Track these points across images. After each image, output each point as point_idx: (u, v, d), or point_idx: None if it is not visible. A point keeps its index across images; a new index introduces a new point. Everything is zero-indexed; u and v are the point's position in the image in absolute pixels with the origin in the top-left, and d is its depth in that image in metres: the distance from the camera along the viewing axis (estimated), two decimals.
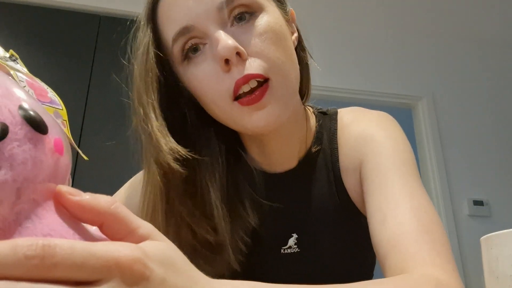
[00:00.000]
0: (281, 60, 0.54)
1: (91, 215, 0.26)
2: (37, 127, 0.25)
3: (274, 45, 0.54)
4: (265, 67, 0.53)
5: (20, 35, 2.13)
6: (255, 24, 0.54)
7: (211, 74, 0.54)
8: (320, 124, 0.68)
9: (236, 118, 0.55)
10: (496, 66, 3.17)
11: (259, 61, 0.53)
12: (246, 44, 0.53)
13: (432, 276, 0.41)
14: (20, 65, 0.28)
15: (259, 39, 0.53)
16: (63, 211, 0.26)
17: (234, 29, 0.54)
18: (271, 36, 0.54)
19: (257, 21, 0.54)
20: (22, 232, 0.24)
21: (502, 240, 0.38)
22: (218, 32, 0.52)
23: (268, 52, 0.53)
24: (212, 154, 0.62)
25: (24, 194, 0.24)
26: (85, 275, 0.22)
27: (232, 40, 0.51)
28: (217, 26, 0.53)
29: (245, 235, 0.62)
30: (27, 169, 0.24)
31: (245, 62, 0.52)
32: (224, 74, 0.53)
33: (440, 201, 2.62)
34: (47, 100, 0.27)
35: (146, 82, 0.56)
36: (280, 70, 0.54)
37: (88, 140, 1.98)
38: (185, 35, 0.54)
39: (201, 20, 0.53)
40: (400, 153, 0.57)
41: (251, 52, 0.53)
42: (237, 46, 0.51)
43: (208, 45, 0.54)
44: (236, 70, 0.52)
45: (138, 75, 0.57)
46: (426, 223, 0.47)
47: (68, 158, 0.28)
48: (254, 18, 0.55)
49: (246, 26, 0.54)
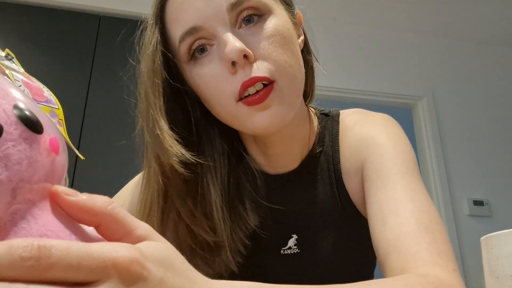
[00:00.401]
0: (288, 63, 0.54)
1: (87, 215, 0.26)
2: (32, 126, 0.25)
3: (282, 48, 0.54)
4: (271, 70, 0.53)
5: (20, 35, 2.13)
6: (263, 27, 0.54)
7: (217, 75, 0.54)
8: (322, 126, 0.68)
9: (240, 118, 0.54)
10: (496, 66, 3.17)
11: (266, 64, 0.53)
12: (253, 47, 0.53)
13: (433, 275, 0.41)
14: (16, 64, 0.28)
15: (267, 42, 0.53)
16: (60, 212, 0.26)
17: (242, 31, 0.54)
18: (278, 39, 0.54)
19: (265, 24, 0.54)
20: (17, 233, 0.23)
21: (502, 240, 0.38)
22: (226, 34, 0.52)
23: (275, 55, 0.53)
24: (215, 154, 0.62)
25: (19, 194, 0.24)
26: (82, 275, 0.22)
27: (240, 42, 0.51)
28: (225, 28, 0.53)
29: (245, 236, 0.62)
30: (23, 169, 0.24)
31: (252, 65, 0.52)
32: (230, 76, 0.53)
33: (440, 201, 2.62)
34: (43, 100, 0.27)
35: (153, 82, 0.56)
36: (286, 73, 0.54)
37: (88, 140, 1.98)
38: (193, 35, 0.54)
39: (209, 21, 0.53)
40: (402, 154, 0.57)
41: (258, 55, 0.53)
42: (245, 49, 0.51)
43: (215, 46, 0.54)
44: (242, 72, 0.52)
45: (146, 75, 0.57)
46: (427, 223, 0.47)
47: (64, 158, 0.27)
48: (262, 21, 0.55)
49: (254, 28, 0.54)
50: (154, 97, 0.55)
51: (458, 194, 2.69)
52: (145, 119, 0.57)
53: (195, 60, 0.55)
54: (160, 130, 0.54)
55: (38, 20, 2.19)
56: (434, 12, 2.87)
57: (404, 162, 0.55)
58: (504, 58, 3.21)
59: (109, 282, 0.22)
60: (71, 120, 2.09)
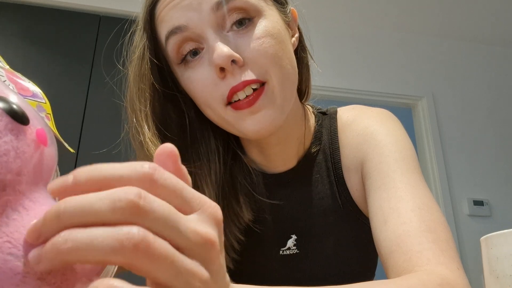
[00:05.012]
0: (278, 64, 0.54)
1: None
2: (17, 118, 0.24)
3: (272, 49, 0.53)
4: (261, 72, 0.52)
5: (20, 35, 2.13)
6: (253, 29, 0.54)
7: (206, 80, 0.53)
8: (319, 124, 0.67)
9: (231, 122, 0.54)
10: (496, 66, 3.17)
11: (256, 66, 0.52)
12: (242, 50, 0.52)
13: (437, 274, 0.40)
14: (0, 60, 0.28)
15: (256, 44, 0.53)
16: (51, 203, 0.26)
17: (231, 34, 0.53)
18: (268, 40, 0.53)
19: (255, 26, 0.54)
20: (9, 224, 0.23)
21: (502, 240, 0.38)
22: (214, 38, 0.52)
23: (265, 57, 0.53)
24: (210, 154, 0.62)
25: (9, 186, 0.24)
26: (180, 202, 0.24)
27: (228, 48, 0.51)
28: (213, 30, 0.52)
29: (239, 232, 0.62)
30: (10, 161, 0.24)
31: (241, 69, 0.52)
32: (219, 81, 0.53)
33: (440, 201, 2.61)
34: (29, 94, 0.27)
35: (139, 88, 0.56)
36: (277, 75, 0.53)
37: (88, 140, 1.98)
38: (177, 34, 0.54)
39: (194, 20, 0.53)
40: (402, 150, 0.56)
41: (247, 58, 0.52)
42: (232, 54, 0.51)
43: (205, 50, 0.54)
44: (231, 77, 0.52)
45: (132, 80, 0.57)
46: (429, 221, 0.47)
47: (53, 149, 0.27)
48: (252, 24, 0.54)
49: (243, 31, 0.53)
50: (140, 103, 0.55)
51: (458, 194, 2.68)
52: (130, 124, 0.57)
53: (186, 63, 0.55)
54: (143, 135, 0.54)
55: (38, 20, 2.20)
56: (434, 12, 2.87)
57: (404, 159, 0.55)
58: (504, 58, 3.21)
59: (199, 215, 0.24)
60: (71, 120, 2.10)
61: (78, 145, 1.97)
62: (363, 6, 2.80)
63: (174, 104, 0.61)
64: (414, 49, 3.04)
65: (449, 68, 3.06)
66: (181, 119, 0.62)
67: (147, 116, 0.55)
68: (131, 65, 0.58)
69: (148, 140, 0.54)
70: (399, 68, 2.95)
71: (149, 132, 0.55)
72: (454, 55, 3.11)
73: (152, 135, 0.55)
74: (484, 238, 0.40)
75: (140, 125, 0.55)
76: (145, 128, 0.55)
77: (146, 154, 0.54)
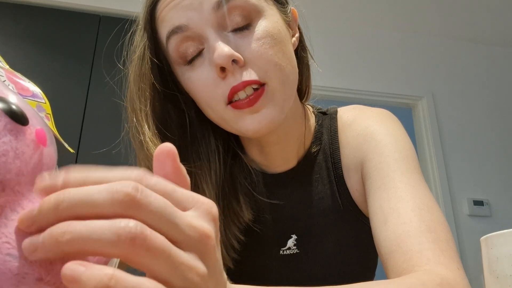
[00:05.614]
0: (278, 65, 0.54)
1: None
2: (16, 118, 0.24)
3: (272, 50, 0.53)
4: (262, 73, 0.52)
5: (20, 35, 2.13)
6: (253, 30, 0.54)
7: (207, 80, 0.53)
8: (319, 124, 0.67)
9: (230, 121, 0.55)
10: (496, 66, 3.17)
11: (256, 67, 0.52)
12: (243, 50, 0.52)
13: (437, 274, 0.40)
14: (0, 59, 0.28)
15: (257, 44, 0.53)
16: None
17: (231, 34, 0.53)
18: (269, 41, 0.53)
19: (256, 26, 0.54)
20: (8, 225, 0.23)
21: (502, 240, 0.38)
22: (215, 37, 0.52)
23: (265, 58, 0.53)
24: (210, 154, 0.62)
25: (7, 186, 0.23)
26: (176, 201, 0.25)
27: (228, 48, 0.51)
28: (213, 30, 0.53)
29: (239, 232, 0.62)
30: (9, 161, 0.23)
31: (242, 69, 0.52)
32: (220, 81, 0.53)
33: (440, 201, 2.61)
34: (29, 94, 0.27)
35: (140, 88, 0.56)
36: (277, 75, 0.54)
37: (88, 140, 1.98)
38: (178, 34, 0.54)
39: (195, 20, 0.53)
40: (402, 150, 0.56)
41: (248, 58, 0.52)
42: (233, 54, 0.51)
43: (206, 50, 0.54)
44: (232, 77, 0.52)
45: (133, 80, 0.57)
46: (429, 221, 0.47)
47: (53, 149, 0.27)
48: (252, 24, 0.54)
49: (244, 32, 0.53)
50: (140, 103, 0.56)
51: (458, 194, 2.68)
52: (130, 124, 0.57)
53: (187, 63, 0.55)
54: (143, 135, 0.55)
55: (38, 20, 2.20)
56: (434, 12, 2.87)
57: (404, 159, 0.55)
58: (504, 58, 3.20)
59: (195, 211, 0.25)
60: (71, 120, 2.10)
61: (78, 145, 1.97)
62: (363, 6, 2.80)
63: (174, 104, 0.61)
64: (414, 49, 3.04)
65: (449, 68, 3.06)
66: (181, 119, 0.62)
67: (147, 115, 0.55)
68: (132, 65, 0.58)
69: (148, 140, 0.54)
70: (399, 68, 2.95)
71: (149, 132, 0.55)
72: (454, 55, 3.11)
73: (152, 135, 0.55)
74: (484, 238, 0.40)
75: (140, 124, 0.55)
76: (145, 127, 0.55)
77: (146, 154, 0.54)
